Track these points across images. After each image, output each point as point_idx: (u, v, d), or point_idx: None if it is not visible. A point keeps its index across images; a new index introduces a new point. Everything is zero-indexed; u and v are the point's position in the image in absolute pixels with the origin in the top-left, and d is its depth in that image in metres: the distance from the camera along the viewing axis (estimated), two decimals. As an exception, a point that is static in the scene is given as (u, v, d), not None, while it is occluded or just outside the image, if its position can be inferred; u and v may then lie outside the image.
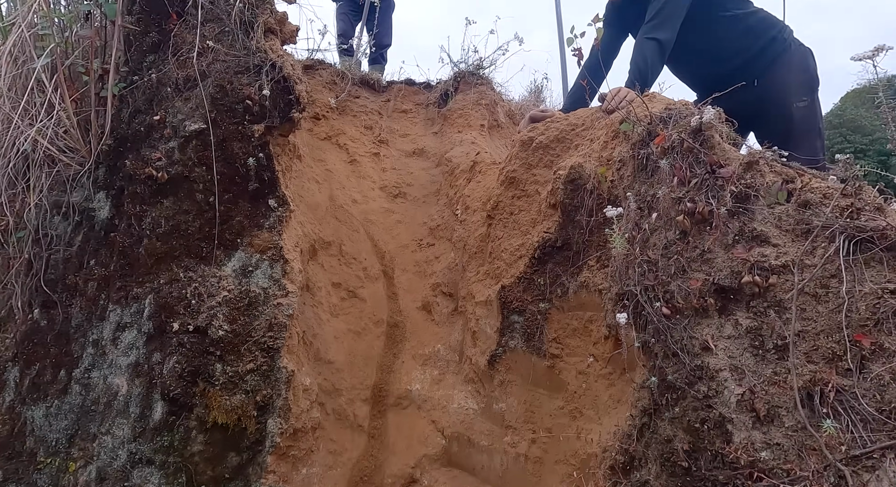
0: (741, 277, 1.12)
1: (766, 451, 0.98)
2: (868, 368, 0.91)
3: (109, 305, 1.80)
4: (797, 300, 1.04)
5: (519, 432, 1.76)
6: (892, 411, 0.86)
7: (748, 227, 1.16)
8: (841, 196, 1.06)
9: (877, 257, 0.97)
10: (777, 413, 0.99)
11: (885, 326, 0.91)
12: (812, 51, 2.26)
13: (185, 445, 1.67)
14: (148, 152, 1.83)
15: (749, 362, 1.07)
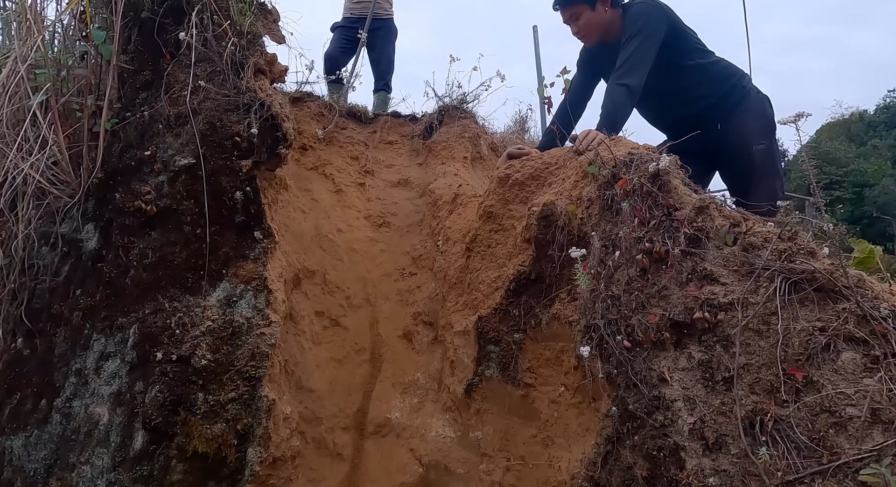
0: (693, 313, 1.21)
1: (714, 477, 1.05)
2: (801, 399, 1.00)
3: (94, 334, 1.84)
4: (742, 336, 1.13)
5: (494, 460, 1.82)
6: (821, 439, 0.95)
7: (700, 267, 1.27)
8: (779, 240, 1.17)
9: (809, 297, 1.08)
10: (724, 441, 1.07)
11: (815, 361, 1.01)
12: (769, 98, 2.43)
13: (165, 474, 1.69)
14: (138, 186, 1.90)
15: (700, 393, 1.16)
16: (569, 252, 1.49)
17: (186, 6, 2.08)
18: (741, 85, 2.38)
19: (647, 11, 2.22)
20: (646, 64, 2.17)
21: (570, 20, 2.36)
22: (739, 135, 2.32)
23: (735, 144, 2.32)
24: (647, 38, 2.17)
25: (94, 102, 1.95)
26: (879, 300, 1.00)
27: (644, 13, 2.22)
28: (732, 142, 2.33)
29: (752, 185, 2.34)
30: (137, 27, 2.12)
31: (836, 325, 1.01)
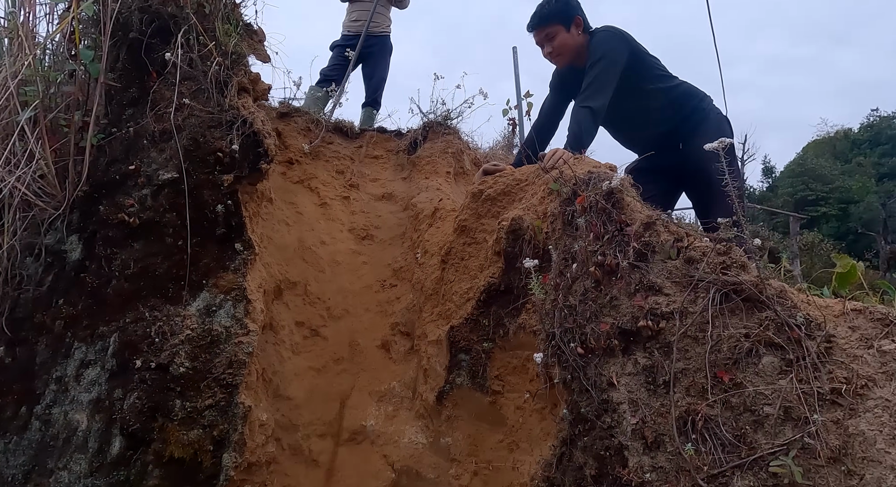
0: (639, 322, 1.31)
1: (652, 473, 1.14)
2: (728, 400, 1.10)
3: (75, 343, 1.89)
4: (680, 343, 1.23)
5: (463, 464, 1.89)
6: (742, 436, 1.04)
7: (646, 279, 1.36)
8: (715, 254, 1.27)
9: (738, 306, 1.18)
10: (662, 440, 1.16)
11: (740, 365, 1.10)
12: (728, 119, 2.56)
13: (141, 479, 1.74)
14: (122, 199, 1.97)
15: (643, 396, 1.25)
16: (523, 262, 1.58)
17: (173, 27, 2.18)
18: (701, 107, 2.51)
19: (610, 39, 2.35)
20: (608, 88, 2.29)
21: (544, 40, 2.46)
22: (699, 154, 2.44)
23: (696, 163, 2.44)
24: (610, 64, 2.29)
25: (81, 118, 2.03)
26: (797, 309, 1.10)
27: (606, 40, 2.35)
28: (693, 161, 2.45)
29: (712, 203, 2.45)
30: (126, 46, 2.21)
31: (759, 332, 1.10)
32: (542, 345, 1.63)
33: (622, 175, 1.60)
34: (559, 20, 2.41)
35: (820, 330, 1.04)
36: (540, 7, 2.46)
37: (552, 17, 2.42)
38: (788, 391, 1.00)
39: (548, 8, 2.43)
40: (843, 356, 0.99)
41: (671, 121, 2.47)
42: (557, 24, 2.40)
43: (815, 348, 1.01)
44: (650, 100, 2.45)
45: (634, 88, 2.40)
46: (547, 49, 2.47)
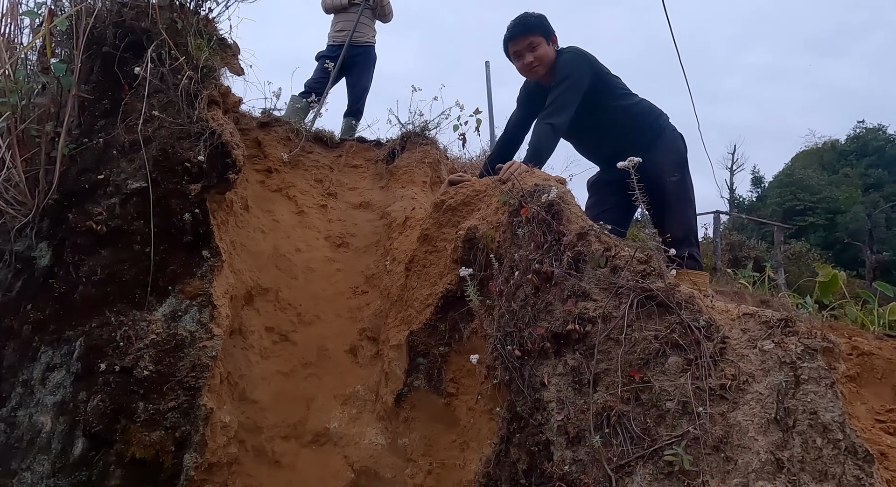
0: (567, 325, 1.40)
1: (572, 466, 1.22)
2: (639, 397, 1.19)
3: (42, 347, 1.95)
4: (603, 345, 1.32)
5: (418, 464, 1.96)
6: (647, 429, 1.13)
7: (578, 286, 1.46)
8: (636, 263, 1.36)
9: (653, 311, 1.27)
10: (582, 435, 1.24)
11: (650, 364, 1.19)
12: (683, 135, 2.68)
13: (103, 480, 1.80)
14: (91, 207, 2.04)
15: (570, 394, 1.34)
16: (458, 272, 1.67)
17: (146, 42, 2.26)
18: (658, 123, 2.62)
19: (575, 60, 2.45)
20: (570, 106, 2.38)
21: (526, 50, 2.47)
22: (655, 168, 2.54)
23: (652, 176, 2.54)
24: (574, 84, 2.38)
25: (53, 129, 2.10)
26: (701, 313, 1.20)
27: (572, 61, 2.44)
28: (650, 174, 2.54)
29: (667, 214, 2.56)
30: (100, 59, 2.29)
31: (666, 334, 1.19)
32: (488, 348, 1.72)
33: (564, 188, 1.70)
34: (542, 32, 2.47)
35: (717, 332, 1.13)
36: (524, 17, 2.50)
37: (537, 27, 2.47)
38: (686, 387, 1.09)
39: (532, 19, 2.49)
40: (733, 355, 1.08)
41: (630, 136, 2.58)
42: (540, 35, 2.46)
43: (711, 349, 1.11)
44: (612, 116, 2.55)
45: (597, 106, 2.50)
46: (528, 58, 2.48)
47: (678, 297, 1.24)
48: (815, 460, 0.86)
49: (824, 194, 30.77)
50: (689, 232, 2.62)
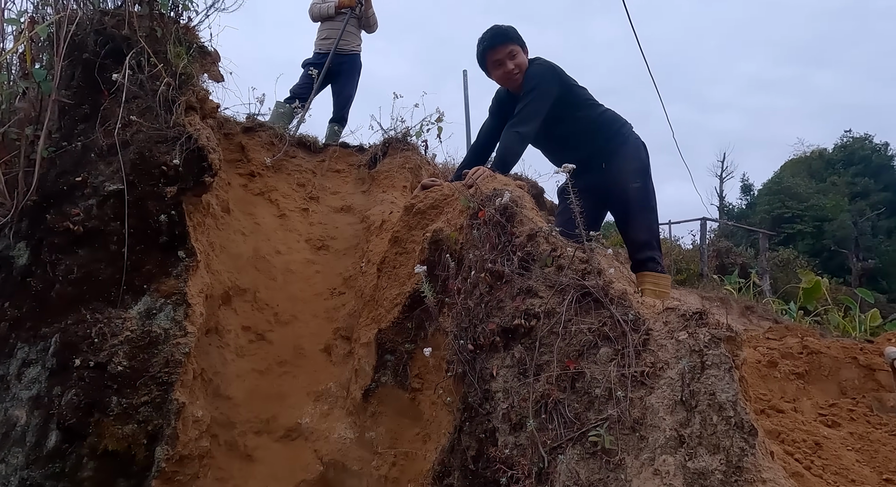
0: (514, 321, 1.49)
1: (514, 450, 1.31)
2: (574, 385, 1.28)
3: (18, 344, 2.01)
4: (546, 338, 1.41)
5: (384, 456, 2.04)
6: (579, 415, 1.22)
7: (526, 284, 1.55)
8: (578, 262, 1.46)
9: (590, 306, 1.37)
10: (523, 422, 1.33)
11: (584, 355, 1.29)
12: (645, 144, 2.79)
13: (76, 471, 1.86)
14: (68, 208, 2.11)
15: (515, 385, 1.43)
16: (414, 268, 1.76)
17: (126, 49, 2.34)
18: (622, 132, 2.72)
19: (544, 72, 2.55)
20: (538, 115, 2.48)
21: (507, 58, 2.55)
22: (619, 175, 2.65)
23: (615, 183, 2.65)
24: (541, 94, 2.49)
25: (34, 132, 2.17)
26: (631, 308, 1.29)
27: (540, 73, 2.55)
28: (613, 180, 2.66)
29: (630, 219, 2.67)
30: (80, 65, 2.36)
31: (598, 327, 1.29)
32: (452, 344, 1.80)
33: (521, 192, 1.80)
34: (518, 42, 2.57)
35: (643, 325, 1.23)
36: (501, 28, 2.59)
37: (515, 37, 2.57)
38: (612, 375, 1.19)
39: (510, 30, 2.59)
40: (654, 345, 1.17)
41: (595, 144, 2.68)
42: (518, 44, 2.57)
43: (636, 340, 1.20)
44: (578, 125, 2.65)
45: (565, 115, 2.61)
46: (509, 66, 2.55)
47: (612, 293, 1.34)
48: (711, 435, 0.96)
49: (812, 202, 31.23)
50: (652, 236, 2.72)
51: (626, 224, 2.70)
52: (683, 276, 13.35)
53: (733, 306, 11.08)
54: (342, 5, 4.76)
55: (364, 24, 4.96)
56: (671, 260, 13.78)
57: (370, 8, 4.86)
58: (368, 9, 4.85)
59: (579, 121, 2.66)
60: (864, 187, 33.27)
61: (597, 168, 2.67)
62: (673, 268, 13.49)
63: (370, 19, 4.91)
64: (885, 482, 1.67)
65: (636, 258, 2.68)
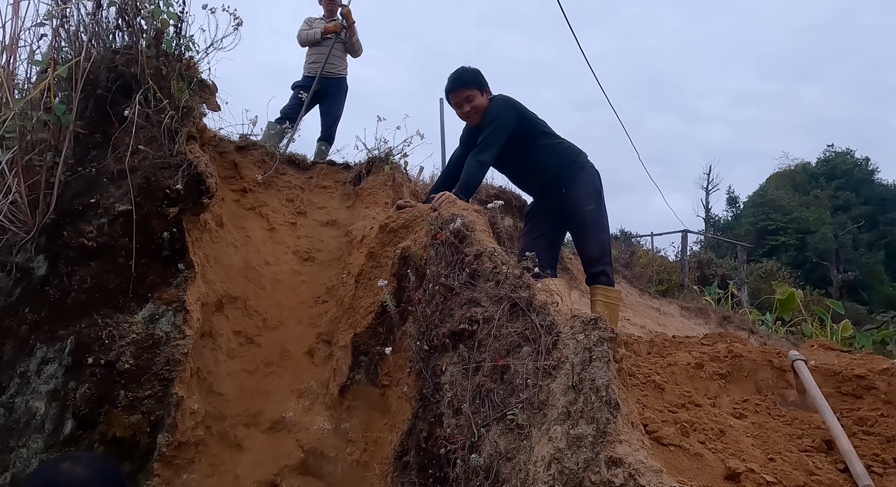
0: (460, 325, 1.82)
1: (454, 429, 1.63)
2: (502, 377, 1.60)
3: (37, 344, 2.30)
4: (485, 340, 1.74)
5: (356, 444, 2.35)
6: (505, 400, 1.54)
7: (472, 295, 1.88)
8: (513, 277, 1.80)
9: (519, 313, 1.70)
10: (462, 408, 1.66)
11: (512, 353, 1.62)
12: (598, 171, 3.14)
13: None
14: (83, 226, 2.41)
15: (459, 378, 1.75)
16: (378, 283, 2.09)
17: (135, 85, 2.66)
18: (578, 161, 3.07)
19: (503, 107, 2.90)
20: (497, 145, 2.83)
21: (464, 101, 2.92)
22: (576, 198, 3.00)
23: (573, 206, 3.00)
24: (500, 127, 2.84)
25: (52, 159, 2.48)
26: (549, 315, 1.62)
27: (499, 107, 2.90)
28: (571, 204, 3.00)
29: (585, 237, 3.02)
30: (93, 99, 2.67)
31: (522, 331, 1.62)
32: (414, 347, 2.12)
33: (475, 216, 2.13)
34: (475, 85, 2.93)
35: (555, 329, 1.56)
36: (460, 73, 2.95)
37: (471, 81, 2.92)
38: (529, 368, 1.52)
39: (467, 75, 2.95)
40: (561, 344, 1.50)
41: (554, 170, 3.02)
42: (475, 88, 2.93)
43: (548, 341, 1.53)
44: (536, 154, 3.00)
45: (523, 144, 2.96)
46: (466, 108, 2.92)
47: (535, 304, 1.67)
48: (588, 410, 1.28)
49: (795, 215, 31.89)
50: (604, 252, 3.07)
51: (581, 242, 3.05)
52: (664, 287, 13.75)
53: (711, 316, 11.48)
54: (328, 31, 5.11)
55: (349, 49, 5.31)
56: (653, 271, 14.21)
57: (354, 34, 5.21)
58: (353, 35, 5.19)
59: (537, 150, 3.01)
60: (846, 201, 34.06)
61: (557, 192, 3.02)
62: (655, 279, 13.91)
63: (354, 45, 5.26)
64: (768, 460, 2.02)
65: (589, 272, 3.03)
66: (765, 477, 1.90)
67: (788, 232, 30.68)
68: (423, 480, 1.70)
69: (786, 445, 2.15)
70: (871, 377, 2.38)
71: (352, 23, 5.14)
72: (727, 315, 11.69)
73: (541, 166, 3.03)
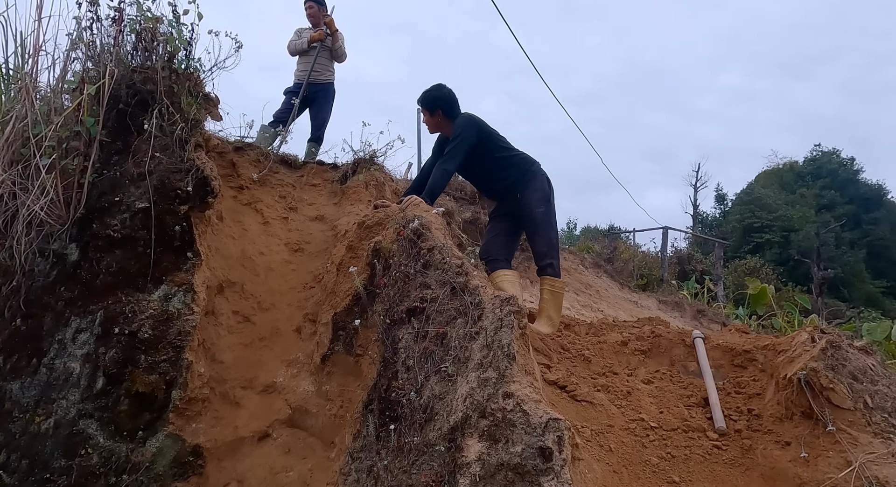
0: (414, 303, 2.34)
1: (405, 381, 2.15)
2: (442, 341, 2.12)
3: (72, 317, 2.80)
4: (432, 315, 2.26)
5: (334, 402, 2.87)
6: (441, 358, 2.06)
7: (424, 281, 2.40)
8: (456, 267, 2.31)
9: (458, 294, 2.21)
10: (410, 365, 2.18)
11: (450, 324, 2.13)
12: (548, 177, 3.67)
13: (116, 406, 2.65)
14: (108, 220, 2.90)
15: (411, 344, 2.27)
16: (349, 269, 2.60)
17: (150, 101, 3.14)
18: (531, 170, 3.60)
19: (465, 124, 3.43)
20: (459, 156, 3.36)
21: (428, 118, 3.57)
22: (528, 203, 3.54)
23: (526, 208, 3.54)
24: (462, 141, 3.36)
25: (82, 163, 2.96)
26: (479, 296, 2.14)
27: (462, 124, 3.43)
28: (525, 207, 3.55)
29: (536, 236, 3.56)
30: (115, 111, 3.15)
31: (458, 307, 2.14)
32: (381, 324, 2.64)
33: (431, 216, 2.64)
34: (428, 107, 3.52)
35: (481, 306, 2.08)
36: (426, 96, 3.55)
37: (424, 102, 3.52)
38: (461, 334, 2.04)
39: (424, 96, 3.54)
40: (484, 317, 2.02)
41: (510, 179, 3.56)
42: (426, 109, 3.50)
43: (476, 314, 2.05)
44: (494, 164, 3.54)
45: (484, 156, 3.49)
46: (429, 124, 3.62)
47: (469, 287, 2.19)
48: (495, 360, 1.81)
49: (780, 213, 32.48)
50: (551, 247, 3.61)
51: (532, 239, 3.59)
52: (645, 281, 14.35)
53: (686, 309, 12.07)
54: (313, 40, 5.58)
55: (334, 55, 5.77)
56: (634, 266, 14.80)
57: (338, 41, 5.67)
58: (336, 42, 5.65)
59: (495, 161, 3.54)
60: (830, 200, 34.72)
61: (513, 197, 3.57)
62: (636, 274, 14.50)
63: (338, 51, 5.72)
64: (659, 413, 2.56)
65: (539, 265, 3.56)
66: (650, 423, 2.46)
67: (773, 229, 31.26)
68: (381, 420, 2.22)
69: (675, 402, 2.70)
70: (754, 351, 2.92)
71: (335, 30, 5.60)
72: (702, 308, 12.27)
73: (498, 175, 3.56)
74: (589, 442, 2.26)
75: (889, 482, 1.83)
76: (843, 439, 2.02)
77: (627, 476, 2.19)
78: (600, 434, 2.37)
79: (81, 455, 2.56)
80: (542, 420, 1.66)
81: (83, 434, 2.60)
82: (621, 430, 2.44)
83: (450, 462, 1.73)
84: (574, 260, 11.14)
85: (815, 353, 2.29)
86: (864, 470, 1.91)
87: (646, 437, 2.40)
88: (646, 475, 2.21)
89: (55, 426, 2.60)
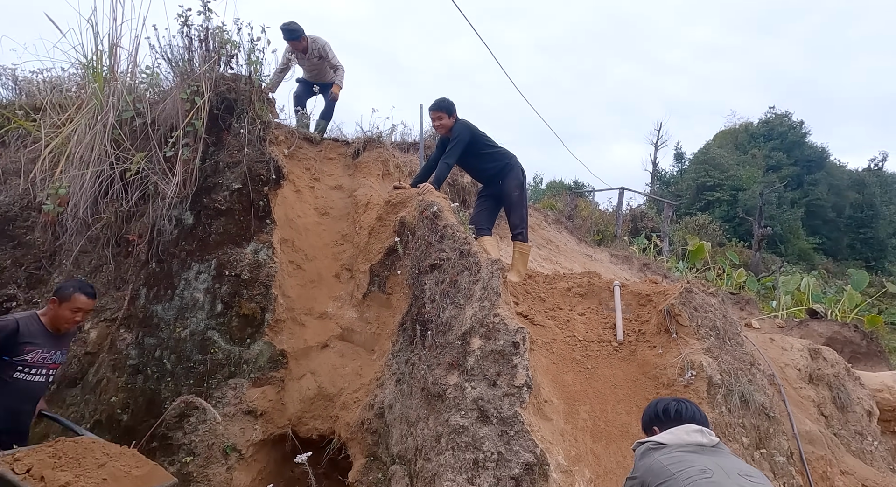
0: (434, 261, 3.73)
1: (430, 309, 3.58)
2: (454, 285, 3.53)
3: (193, 263, 4.06)
4: (449, 268, 3.66)
5: (372, 325, 4.29)
6: (454, 296, 3.47)
7: (441, 246, 3.78)
8: (462, 237, 3.70)
9: (464, 255, 3.61)
10: (434, 298, 3.59)
11: (460, 275, 3.53)
12: (523, 167, 5.02)
13: (230, 322, 3.99)
14: (214, 195, 4.11)
15: (433, 287, 3.67)
16: (395, 239, 3.96)
17: (235, 106, 4.26)
18: (510, 163, 4.94)
19: (461, 128, 4.69)
20: (457, 153, 4.65)
21: (437, 119, 4.75)
22: (506, 187, 4.91)
23: (505, 192, 4.91)
24: (459, 141, 4.64)
25: (191, 154, 4.12)
26: (478, 257, 3.52)
27: (459, 128, 4.69)
28: (504, 191, 4.92)
29: (511, 212, 4.96)
30: (208, 115, 4.26)
31: (465, 264, 3.53)
32: (406, 271, 4.02)
33: (443, 201, 3.99)
34: (445, 111, 4.72)
35: (480, 264, 3.48)
36: (440, 102, 4.73)
37: (444, 109, 4.72)
38: (467, 281, 3.45)
39: (443, 104, 4.72)
40: (481, 271, 3.42)
41: (494, 170, 4.90)
42: (444, 112, 4.72)
43: (476, 269, 3.46)
44: (482, 158, 4.85)
45: (474, 152, 4.79)
46: (436, 124, 4.76)
47: (472, 251, 3.58)
48: (488, 296, 3.23)
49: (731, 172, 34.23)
50: (522, 220, 5.02)
51: (509, 214, 4.99)
52: (600, 237, 16.09)
53: (634, 263, 13.85)
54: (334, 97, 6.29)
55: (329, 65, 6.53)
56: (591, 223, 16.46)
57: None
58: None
59: (482, 156, 4.86)
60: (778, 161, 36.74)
61: (496, 183, 4.92)
62: (592, 229, 16.17)
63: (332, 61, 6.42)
64: (586, 332, 4.10)
65: (513, 233, 5.00)
66: (578, 338, 3.99)
67: (724, 188, 32.99)
68: (414, 332, 3.65)
69: (596, 326, 4.24)
70: (652, 295, 4.47)
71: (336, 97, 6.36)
72: (647, 262, 14.05)
73: (485, 166, 4.90)
74: (540, 348, 3.76)
75: (696, 361, 3.42)
76: (680, 342, 3.59)
77: (562, 366, 3.72)
78: (547, 344, 3.88)
79: (211, 353, 3.92)
80: (514, 328, 3.11)
81: (210, 340, 3.95)
82: (560, 342, 3.97)
83: (462, 351, 3.19)
84: (538, 216, 12.43)
85: (676, 294, 3.83)
86: (688, 358, 3.49)
87: (575, 345, 3.94)
88: (573, 365, 3.75)
89: (191, 334, 3.94)
